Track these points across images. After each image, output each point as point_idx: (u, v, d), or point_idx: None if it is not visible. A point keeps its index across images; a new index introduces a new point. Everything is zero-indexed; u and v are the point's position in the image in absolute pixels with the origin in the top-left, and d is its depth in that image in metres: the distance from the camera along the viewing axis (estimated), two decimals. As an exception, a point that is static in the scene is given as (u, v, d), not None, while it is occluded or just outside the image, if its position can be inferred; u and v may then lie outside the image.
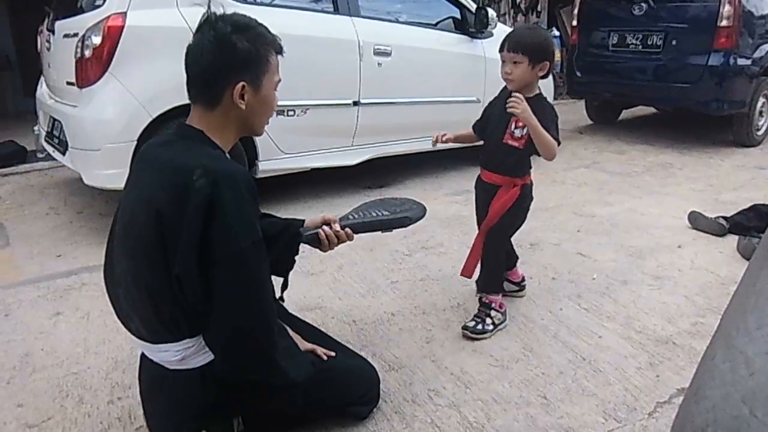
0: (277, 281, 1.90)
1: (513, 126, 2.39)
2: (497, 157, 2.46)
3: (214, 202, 1.44)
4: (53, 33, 3.95)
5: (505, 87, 2.45)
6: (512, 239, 2.64)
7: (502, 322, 2.48)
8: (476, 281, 2.61)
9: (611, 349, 2.36)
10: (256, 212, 1.56)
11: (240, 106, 1.58)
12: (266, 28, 1.64)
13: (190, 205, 1.44)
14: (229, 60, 1.55)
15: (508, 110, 2.27)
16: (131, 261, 1.54)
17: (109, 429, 1.94)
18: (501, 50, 2.38)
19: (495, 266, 2.52)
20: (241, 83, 1.56)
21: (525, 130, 2.35)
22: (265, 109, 1.67)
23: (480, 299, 2.53)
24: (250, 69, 1.58)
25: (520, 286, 2.77)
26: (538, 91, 2.41)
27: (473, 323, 2.45)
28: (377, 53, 4.27)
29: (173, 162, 1.51)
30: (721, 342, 1.20)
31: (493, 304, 2.48)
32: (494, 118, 2.51)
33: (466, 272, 2.53)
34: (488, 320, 2.45)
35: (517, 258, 2.76)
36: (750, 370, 1.03)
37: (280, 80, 1.67)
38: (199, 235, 1.44)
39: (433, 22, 4.82)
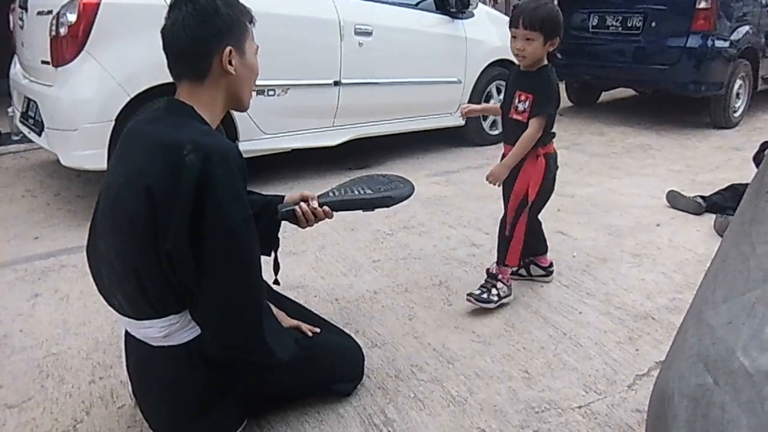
0: (266, 263, 1.90)
1: (517, 101, 2.40)
2: (511, 131, 2.46)
3: (205, 178, 1.43)
4: (26, 10, 3.87)
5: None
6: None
7: (507, 296, 2.50)
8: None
9: (591, 324, 2.39)
10: (245, 188, 1.55)
11: (230, 72, 1.57)
12: None
13: (181, 181, 1.42)
14: (214, 28, 1.54)
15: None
16: (117, 236, 1.52)
17: (91, 408, 1.93)
18: (514, 26, 2.33)
19: (519, 239, 2.47)
20: (228, 48, 1.56)
21: (527, 104, 2.37)
22: (250, 75, 1.66)
23: (488, 270, 2.55)
24: (234, 34, 1.58)
25: (548, 271, 2.74)
26: (544, 63, 2.40)
27: (479, 291, 2.47)
28: (358, 33, 4.24)
29: (163, 138, 1.49)
30: (692, 316, 1.24)
31: (500, 276, 2.49)
32: (507, 93, 2.53)
33: (513, 261, 2.49)
34: (494, 290, 2.47)
35: (547, 246, 2.74)
36: (713, 339, 1.05)
37: (258, 47, 1.68)
38: (191, 211, 1.43)
39: (414, 2, 4.79)
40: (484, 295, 2.46)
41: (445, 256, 3.01)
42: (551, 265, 2.76)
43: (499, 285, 2.49)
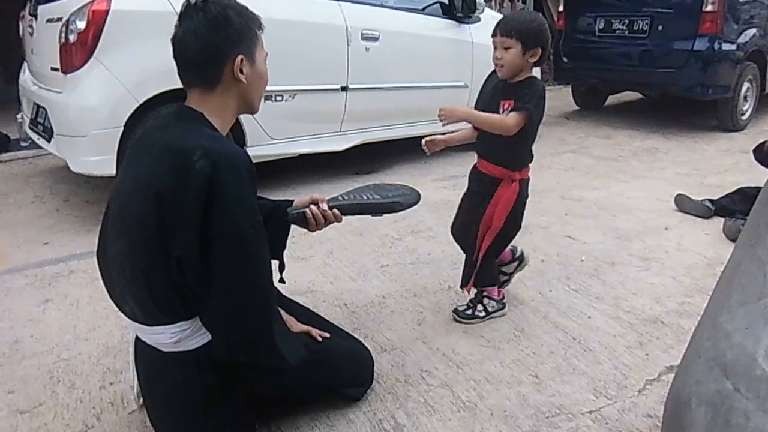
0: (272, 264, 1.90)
1: (501, 110, 2.28)
2: (492, 144, 2.32)
3: (214, 184, 1.44)
4: (36, 18, 3.90)
5: (494, 72, 2.40)
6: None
7: (497, 310, 2.47)
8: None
9: (600, 328, 2.38)
10: (254, 194, 1.56)
11: (241, 81, 1.59)
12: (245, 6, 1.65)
13: (191, 187, 1.43)
14: (226, 37, 1.55)
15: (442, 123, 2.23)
16: (127, 242, 1.53)
17: (101, 414, 1.94)
18: (493, 35, 2.26)
19: (491, 263, 2.45)
20: (240, 56, 1.57)
21: (510, 111, 2.24)
22: (261, 82, 1.67)
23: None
24: (245, 43, 1.59)
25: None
26: (529, 74, 2.29)
27: (463, 308, 2.47)
28: (365, 38, 4.25)
29: (172, 144, 1.50)
30: (707, 320, 1.23)
31: (485, 292, 2.47)
32: (486, 104, 2.37)
33: (469, 287, 2.44)
34: (479, 306, 2.45)
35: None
36: (729, 344, 1.05)
37: (267, 54, 1.69)
38: (201, 217, 1.44)
39: (421, 7, 4.80)
40: (468, 312, 2.45)
41: (453, 261, 3.00)
42: (514, 256, 2.63)
43: (486, 300, 2.46)
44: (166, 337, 1.57)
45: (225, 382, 1.65)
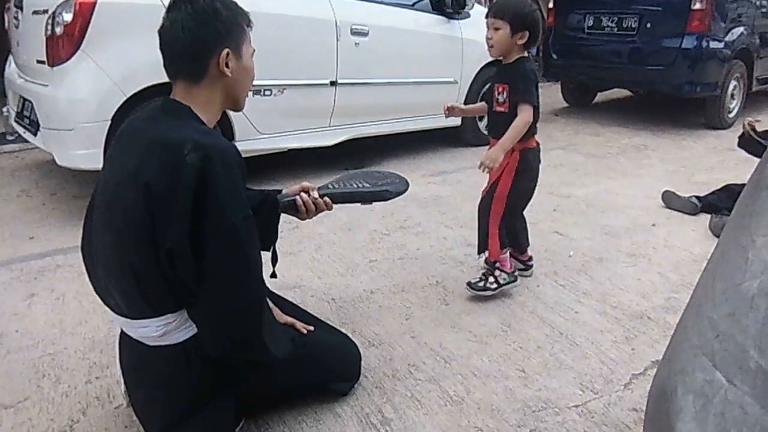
0: (265, 258, 1.89)
1: (497, 93, 2.49)
2: (495, 124, 2.53)
3: (205, 177, 1.43)
4: (21, 9, 3.85)
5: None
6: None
7: (509, 282, 2.54)
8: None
9: (587, 324, 2.40)
10: (245, 188, 1.56)
11: (227, 74, 1.58)
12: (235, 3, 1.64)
13: (182, 180, 1.42)
14: (213, 30, 1.54)
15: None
16: (115, 235, 1.52)
17: (87, 408, 1.93)
18: (485, 17, 2.46)
19: (494, 234, 2.51)
20: (226, 50, 1.56)
21: (505, 95, 2.44)
22: (247, 78, 1.67)
23: (486, 259, 2.58)
24: (232, 37, 1.58)
25: (527, 265, 2.77)
26: (519, 55, 2.46)
27: (476, 280, 2.54)
28: (354, 33, 4.24)
29: (162, 137, 1.49)
30: (691, 309, 1.24)
31: (498, 264, 2.52)
32: (490, 89, 2.59)
33: (493, 255, 2.52)
34: (491, 279, 2.52)
35: (528, 243, 2.76)
36: (715, 332, 1.05)
37: (254, 50, 1.68)
38: (191, 210, 1.43)
39: (411, 3, 4.79)
40: (480, 283, 2.52)
41: (441, 256, 3.01)
42: (530, 259, 2.78)
43: (497, 273, 2.53)
44: (152, 330, 1.56)
45: (212, 377, 1.64)
